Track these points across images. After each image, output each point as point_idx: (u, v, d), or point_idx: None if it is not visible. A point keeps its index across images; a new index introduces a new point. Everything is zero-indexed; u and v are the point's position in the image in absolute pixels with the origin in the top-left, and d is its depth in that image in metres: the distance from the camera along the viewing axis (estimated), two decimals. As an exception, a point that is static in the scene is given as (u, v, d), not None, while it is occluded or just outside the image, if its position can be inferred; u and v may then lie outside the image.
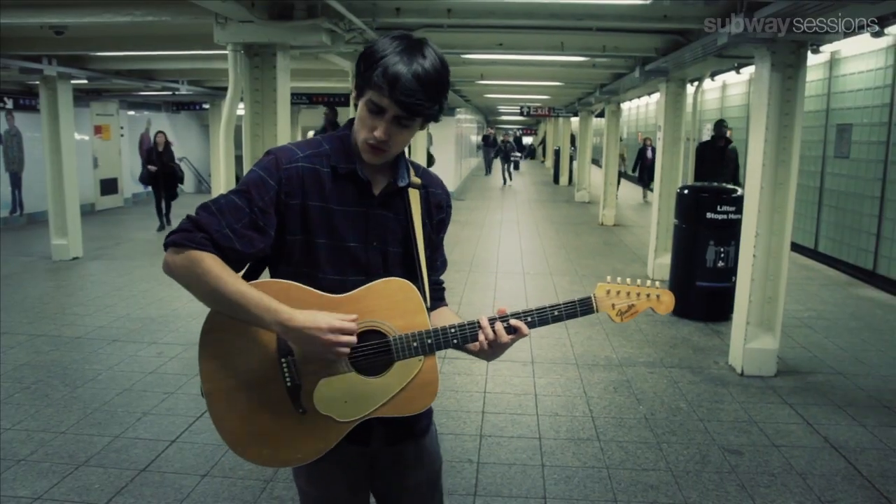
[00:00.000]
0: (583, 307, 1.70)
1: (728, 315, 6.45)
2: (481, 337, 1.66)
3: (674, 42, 7.01)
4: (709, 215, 6.68)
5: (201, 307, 1.62)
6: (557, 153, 25.44)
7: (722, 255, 6.64)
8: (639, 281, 1.76)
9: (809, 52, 5.11)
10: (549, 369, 5.36)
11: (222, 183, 5.08)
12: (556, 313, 1.68)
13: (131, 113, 17.17)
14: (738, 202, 6.59)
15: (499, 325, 1.66)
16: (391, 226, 1.71)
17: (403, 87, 1.51)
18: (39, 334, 5.97)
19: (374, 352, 1.62)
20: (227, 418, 1.65)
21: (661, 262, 8.59)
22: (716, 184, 7.69)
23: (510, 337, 1.67)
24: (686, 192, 7.14)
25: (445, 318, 1.80)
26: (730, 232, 6.61)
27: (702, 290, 6.74)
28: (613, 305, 1.73)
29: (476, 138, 31.99)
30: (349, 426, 1.64)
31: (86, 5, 5.31)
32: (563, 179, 24.18)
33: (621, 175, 17.28)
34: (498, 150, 26.35)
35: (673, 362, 5.58)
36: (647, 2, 4.65)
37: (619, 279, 1.75)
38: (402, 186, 1.71)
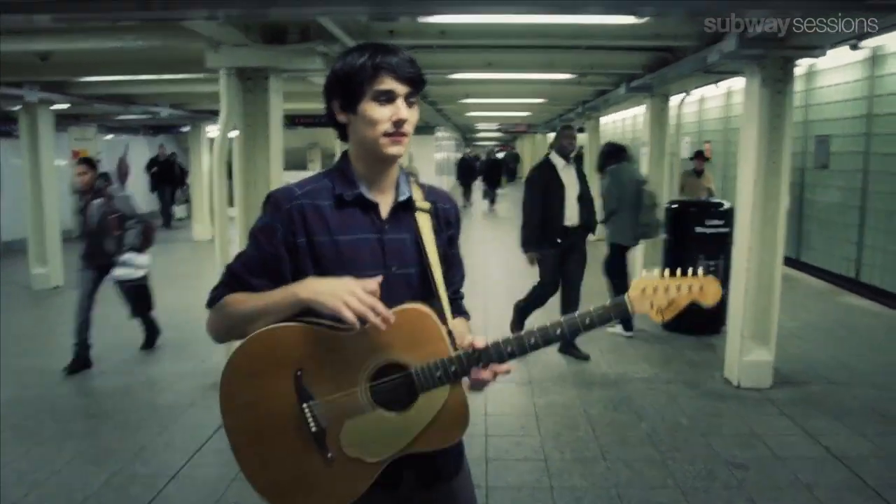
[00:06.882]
0: (617, 310, 1.63)
1: (719, 328, 6.49)
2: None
3: (660, 59, 7.10)
4: (697, 229, 6.74)
5: (192, 336, 1.63)
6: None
7: (712, 269, 6.68)
8: (678, 272, 1.63)
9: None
10: (547, 389, 5.34)
11: (216, 207, 5.07)
12: (587, 321, 1.61)
13: (109, 137, 16.98)
14: (725, 216, 6.67)
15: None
16: (407, 246, 1.70)
17: (403, 63, 1.61)
18: (25, 368, 5.82)
19: (396, 385, 1.58)
20: (257, 469, 1.62)
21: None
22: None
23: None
24: (674, 206, 7.19)
25: (459, 329, 1.75)
26: (718, 245, 6.67)
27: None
28: (652, 304, 1.61)
29: (454, 156, 31.18)
30: (380, 466, 1.60)
31: (76, 31, 5.25)
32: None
33: None
34: None
35: (669, 377, 5.59)
36: (642, 21, 4.70)
37: (655, 272, 1.63)
38: (404, 201, 1.71)
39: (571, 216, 5.95)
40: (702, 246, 6.71)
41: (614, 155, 6.81)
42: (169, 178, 16.60)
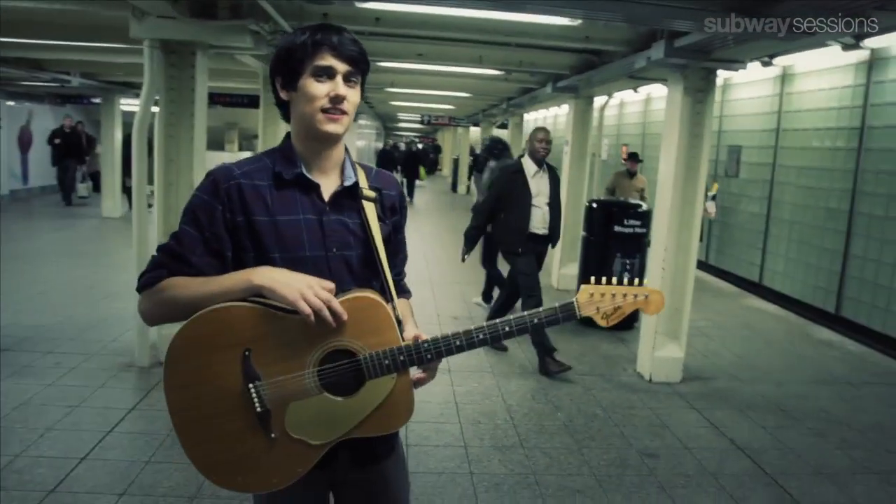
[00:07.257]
0: (565, 313, 1.67)
1: (631, 324, 6.73)
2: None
3: (587, 61, 7.27)
4: (616, 228, 6.94)
5: (102, 315, 1.56)
6: (456, 162, 25.69)
7: (628, 267, 6.91)
8: (625, 281, 1.71)
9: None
10: (466, 377, 5.41)
11: (135, 184, 4.87)
12: (535, 321, 1.66)
13: (11, 103, 16.01)
14: (643, 217, 6.91)
15: None
16: (350, 230, 1.69)
17: (344, 41, 1.61)
18: (-84, 343, 5.46)
19: (344, 371, 1.59)
20: (199, 447, 1.60)
21: (565, 273, 8.86)
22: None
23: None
24: (595, 205, 7.40)
25: (403, 311, 1.78)
26: (635, 245, 6.91)
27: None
28: (598, 309, 1.68)
29: (376, 145, 31.08)
30: (323, 448, 1.61)
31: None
32: (462, 188, 24.46)
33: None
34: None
35: (584, 370, 5.76)
36: (575, 23, 4.80)
37: (603, 280, 1.70)
38: (349, 186, 1.70)
39: (540, 224, 5.78)
40: (620, 244, 6.93)
41: (497, 150, 6.94)
42: (75, 151, 15.59)
